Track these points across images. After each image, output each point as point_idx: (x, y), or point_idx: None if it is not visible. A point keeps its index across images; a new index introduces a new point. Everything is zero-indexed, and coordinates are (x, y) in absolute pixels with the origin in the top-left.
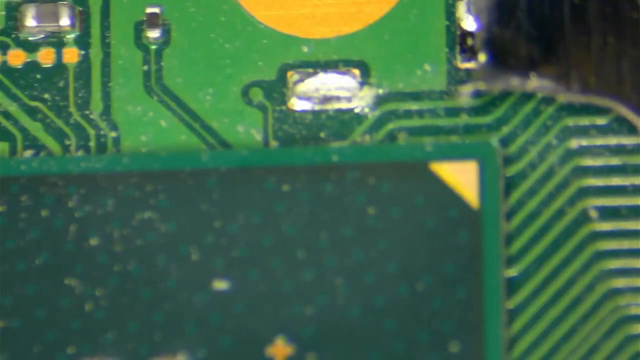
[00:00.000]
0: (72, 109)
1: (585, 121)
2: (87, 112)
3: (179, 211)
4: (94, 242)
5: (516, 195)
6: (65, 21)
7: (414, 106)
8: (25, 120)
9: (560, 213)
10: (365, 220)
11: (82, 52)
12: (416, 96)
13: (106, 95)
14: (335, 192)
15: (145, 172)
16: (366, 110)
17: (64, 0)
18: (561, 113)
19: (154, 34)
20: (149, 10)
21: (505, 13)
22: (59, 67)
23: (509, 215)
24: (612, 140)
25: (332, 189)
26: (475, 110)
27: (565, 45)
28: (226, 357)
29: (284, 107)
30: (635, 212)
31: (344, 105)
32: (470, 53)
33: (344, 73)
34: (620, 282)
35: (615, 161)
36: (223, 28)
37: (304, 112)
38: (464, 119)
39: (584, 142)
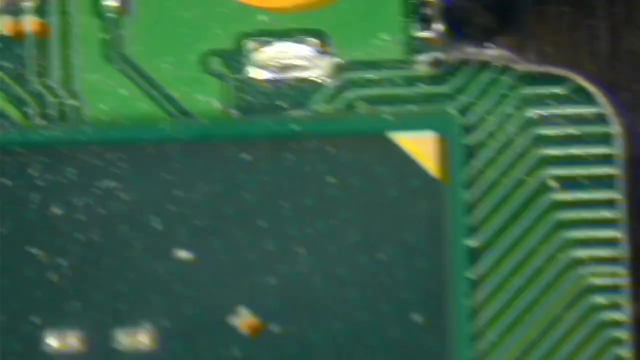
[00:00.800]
0: (32, 77)
1: (542, 91)
2: (46, 80)
3: (141, 180)
4: (56, 211)
5: (476, 165)
6: None
7: (372, 75)
8: None
9: (520, 182)
10: (326, 190)
11: (41, 21)
12: (374, 65)
13: (66, 64)
14: (296, 162)
15: (107, 141)
16: (325, 79)
17: None
18: (518, 82)
19: (112, 2)
20: None
21: None
22: (18, 35)
23: (469, 185)
24: (570, 110)
25: (293, 159)
26: (433, 80)
27: (521, 14)
28: (190, 326)
29: (241, 76)
30: (594, 180)
31: (302, 74)
32: (427, 22)
33: (301, 42)
34: (580, 252)
35: (573, 130)
36: None
37: (263, 81)
38: (422, 89)
39: (542, 112)
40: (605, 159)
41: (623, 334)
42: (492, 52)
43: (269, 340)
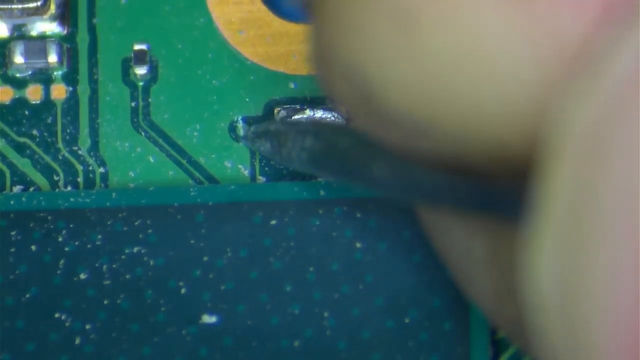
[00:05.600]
0: (60, 145)
1: None
2: (75, 148)
3: (167, 245)
4: (83, 276)
5: None
6: (53, 58)
7: None
8: (14, 156)
9: None
10: (353, 255)
11: (70, 89)
12: None
13: (94, 132)
14: (323, 227)
15: (133, 207)
16: None
17: (52, 37)
18: None
19: (141, 70)
20: (137, 47)
21: None
22: (47, 103)
23: None
24: None
25: (320, 224)
26: None
27: None
28: None
29: None
30: None
31: None
32: None
33: (330, 109)
34: None
35: None
36: (210, 64)
37: None
38: None
39: None
40: None
41: None
42: None
43: None
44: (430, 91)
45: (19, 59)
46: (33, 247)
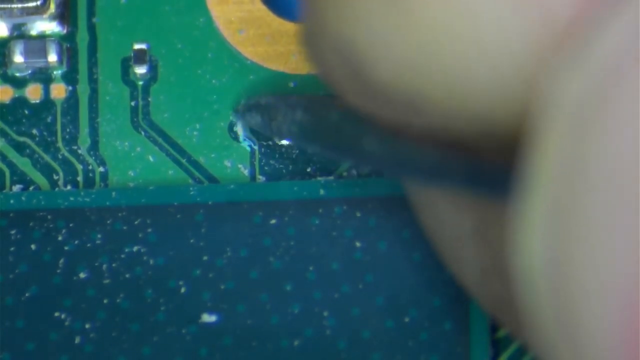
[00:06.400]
0: (59, 144)
1: None
2: (74, 147)
3: (167, 245)
4: (82, 275)
5: None
6: (53, 57)
7: None
8: (14, 156)
9: None
10: (353, 254)
11: (70, 88)
12: None
13: (94, 131)
14: (323, 226)
15: (133, 206)
16: None
17: (52, 36)
18: None
19: (141, 70)
20: (136, 46)
21: None
22: (47, 102)
23: None
24: None
25: (319, 223)
26: None
27: None
28: None
29: (270, 142)
30: None
31: None
32: None
33: None
34: None
35: None
36: (210, 64)
37: (291, 146)
38: None
39: None
40: None
41: None
42: None
43: None
44: (420, 64)
45: (18, 58)
46: (33, 247)
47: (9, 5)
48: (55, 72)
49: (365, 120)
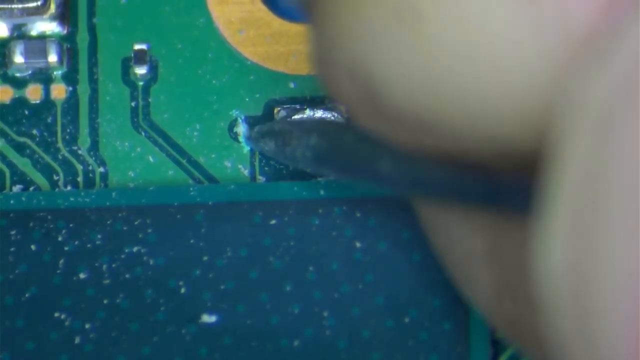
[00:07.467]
0: (59, 144)
1: None
2: (74, 147)
3: (167, 245)
4: (82, 275)
5: None
6: (53, 57)
7: None
8: (14, 156)
9: None
10: (352, 254)
11: (70, 89)
12: None
13: (94, 131)
14: (323, 226)
15: (133, 206)
16: None
17: (52, 37)
18: None
19: (141, 70)
20: (137, 47)
21: None
22: (47, 103)
23: None
24: None
25: (319, 223)
26: None
27: None
28: None
29: None
30: None
31: None
32: None
33: (330, 109)
34: None
35: None
36: (210, 64)
37: None
38: None
39: None
40: None
41: None
42: None
43: None
44: (435, 86)
45: (18, 58)
46: (33, 247)
47: (9, 6)
48: (55, 73)
49: (379, 142)
